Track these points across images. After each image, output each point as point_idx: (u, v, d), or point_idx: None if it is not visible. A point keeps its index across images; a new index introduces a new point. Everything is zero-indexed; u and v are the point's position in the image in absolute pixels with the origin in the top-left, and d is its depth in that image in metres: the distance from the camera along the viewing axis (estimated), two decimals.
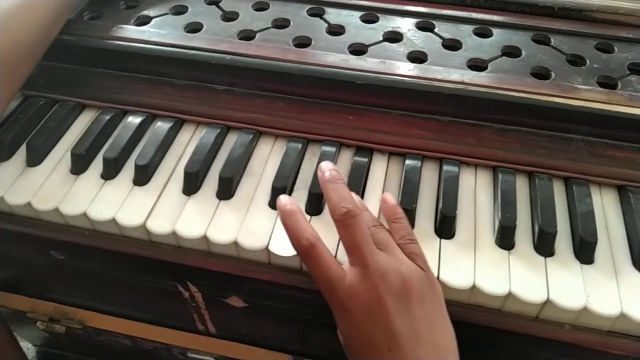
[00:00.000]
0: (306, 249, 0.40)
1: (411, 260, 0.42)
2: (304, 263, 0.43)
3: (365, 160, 0.53)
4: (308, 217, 0.49)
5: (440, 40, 0.60)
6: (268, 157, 0.54)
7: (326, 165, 0.45)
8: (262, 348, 0.63)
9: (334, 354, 0.58)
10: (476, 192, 0.51)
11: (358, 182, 0.51)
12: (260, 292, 0.54)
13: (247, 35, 0.61)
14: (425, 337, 0.39)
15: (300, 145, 0.54)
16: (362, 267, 0.40)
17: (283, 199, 0.43)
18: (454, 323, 0.47)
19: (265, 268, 0.49)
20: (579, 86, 0.54)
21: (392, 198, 0.46)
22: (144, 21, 0.63)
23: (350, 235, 0.41)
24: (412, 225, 0.48)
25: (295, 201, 0.43)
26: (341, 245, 0.44)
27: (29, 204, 0.50)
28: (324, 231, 0.44)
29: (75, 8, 0.62)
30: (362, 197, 0.50)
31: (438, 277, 0.45)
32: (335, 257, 0.46)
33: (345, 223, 0.41)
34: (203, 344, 0.64)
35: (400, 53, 0.58)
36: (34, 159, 0.53)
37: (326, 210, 0.49)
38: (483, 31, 0.61)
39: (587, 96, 0.53)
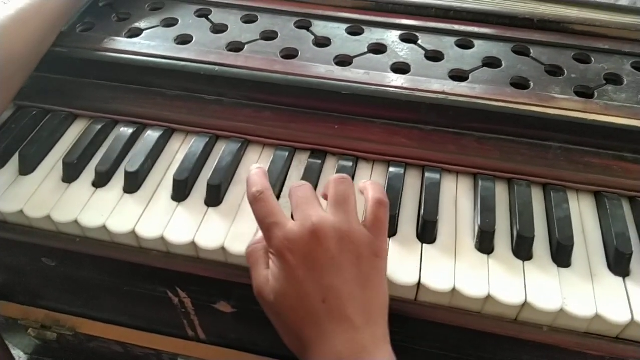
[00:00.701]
0: (254, 195, 0.43)
1: (372, 221, 0.43)
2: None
3: (350, 167, 0.55)
4: None
5: (423, 52, 0.62)
6: None
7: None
8: (251, 354, 0.64)
9: None
10: (457, 198, 0.53)
11: None
12: (248, 298, 0.54)
13: (235, 47, 0.62)
14: (357, 297, 0.40)
15: (287, 154, 0.55)
16: (303, 219, 0.41)
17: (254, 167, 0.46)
18: (436, 325, 0.48)
19: None
20: (557, 95, 0.56)
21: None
22: (135, 33, 0.64)
23: (296, 193, 0.43)
24: (395, 230, 0.50)
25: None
26: None
27: (21, 212, 0.51)
28: None
29: (68, 21, 0.64)
30: None
31: (419, 281, 0.46)
32: None
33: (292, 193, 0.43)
34: (193, 349, 0.65)
35: (385, 64, 0.60)
36: (27, 168, 0.54)
37: None
38: (465, 43, 0.63)
39: (564, 105, 0.55)
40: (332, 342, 0.39)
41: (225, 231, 0.50)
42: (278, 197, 0.52)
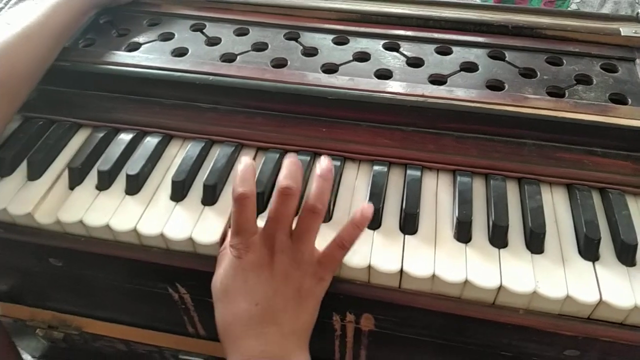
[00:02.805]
0: (240, 195, 0.47)
1: (325, 260, 0.48)
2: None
3: (338, 167, 0.58)
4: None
5: (405, 59, 0.66)
6: None
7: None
8: None
9: (320, 351, 0.62)
10: (438, 193, 0.56)
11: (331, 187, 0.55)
12: None
13: (228, 58, 0.66)
14: (290, 310, 0.46)
15: (277, 156, 0.59)
16: (267, 237, 0.47)
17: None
18: (420, 311, 0.52)
19: None
20: (530, 96, 0.60)
21: (370, 212, 0.48)
22: (134, 47, 0.68)
23: (276, 207, 0.47)
24: (379, 223, 0.53)
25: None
26: None
27: (29, 214, 0.55)
28: None
29: (70, 37, 0.68)
30: (334, 201, 0.55)
31: (402, 269, 0.50)
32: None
33: (282, 195, 0.47)
34: (194, 345, 0.68)
35: (369, 71, 0.64)
36: (34, 174, 0.58)
37: None
38: (444, 49, 0.67)
39: (536, 104, 0.58)
40: (259, 341, 0.44)
41: (221, 227, 0.53)
42: (269, 196, 0.56)
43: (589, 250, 0.51)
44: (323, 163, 0.49)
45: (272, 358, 0.44)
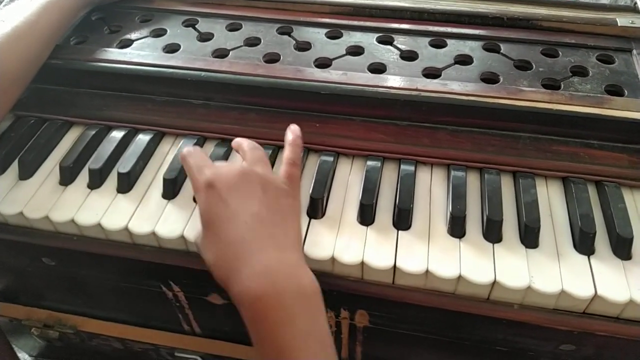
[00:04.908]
0: (186, 152, 0.50)
1: (288, 179, 0.49)
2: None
3: (332, 162, 0.58)
4: None
5: (399, 52, 0.65)
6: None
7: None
8: (245, 345, 0.67)
9: None
10: (432, 188, 0.56)
11: (324, 183, 0.55)
12: None
13: (221, 54, 0.66)
14: (279, 224, 0.45)
15: (270, 152, 0.58)
16: (231, 165, 0.48)
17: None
18: (415, 308, 0.51)
19: None
20: (525, 88, 0.59)
21: (296, 127, 0.53)
22: (126, 44, 0.68)
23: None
24: (373, 219, 0.53)
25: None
26: None
27: (21, 214, 0.55)
28: None
29: (62, 35, 0.67)
30: (328, 195, 0.55)
31: (395, 265, 0.49)
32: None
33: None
34: (189, 343, 0.68)
35: (362, 65, 0.63)
36: (26, 173, 0.58)
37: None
38: (438, 42, 0.67)
39: (531, 97, 0.58)
40: (259, 257, 0.42)
41: None
42: None
43: (584, 244, 0.50)
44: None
45: (289, 265, 0.43)
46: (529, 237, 0.51)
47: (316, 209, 0.53)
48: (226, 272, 0.43)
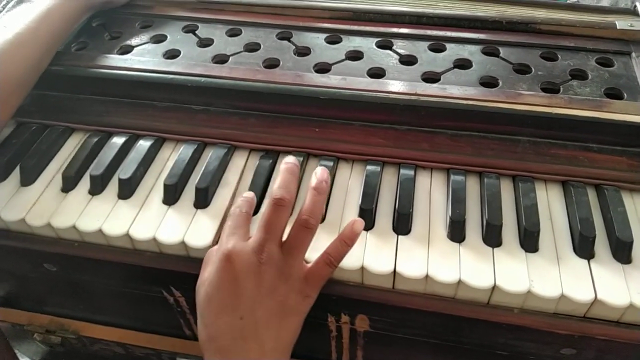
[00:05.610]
0: (237, 208, 0.49)
1: (311, 277, 0.47)
2: None
3: (331, 167, 0.58)
4: None
5: (398, 57, 0.65)
6: (242, 169, 0.59)
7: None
8: None
9: (317, 352, 0.62)
10: (431, 192, 0.56)
11: None
12: None
13: (220, 60, 0.66)
14: (273, 327, 0.45)
15: (270, 159, 0.59)
16: (259, 243, 0.46)
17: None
18: (414, 312, 0.51)
19: None
20: (524, 92, 0.59)
21: (360, 228, 0.47)
22: (127, 50, 0.68)
23: (268, 217, 0.46)
24: (372, 224, 0.53)
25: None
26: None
27: (23, 220, 0.55)
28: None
29: (63, 42, 0.68)
30: (327, 202, 0.55)
31: (395, 270, 0.49)
32: None
33: (274, 205, 0.46)
34: (190, 348, 0.68)
35: (361, 70, 0.63)
36: (27, 179, 0.58)
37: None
38: (437, 46, 0.67)
39: (530, 101, 0.58)
40: (240, 356, 0.43)
41: (213, 231, 0.53)
42: (262, 198, 0.56)
43: (584, 248, 0.50)
44: (319, 174, 0.49)
45: None
46: (529, 241, 0.51)
47: None
48: (204, 346, 0.46)
